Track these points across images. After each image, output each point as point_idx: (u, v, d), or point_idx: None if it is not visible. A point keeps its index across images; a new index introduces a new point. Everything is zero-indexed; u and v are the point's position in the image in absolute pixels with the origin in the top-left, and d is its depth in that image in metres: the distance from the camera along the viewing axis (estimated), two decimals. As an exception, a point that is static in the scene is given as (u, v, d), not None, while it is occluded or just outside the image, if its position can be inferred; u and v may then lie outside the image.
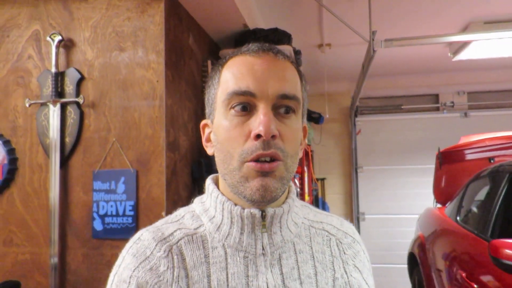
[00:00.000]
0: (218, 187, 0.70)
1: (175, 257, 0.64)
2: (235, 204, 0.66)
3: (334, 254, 0.72)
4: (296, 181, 3.21)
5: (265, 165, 0.61)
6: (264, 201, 0.62)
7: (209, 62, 2.20)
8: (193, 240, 0.66)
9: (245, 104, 0.63)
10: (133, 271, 0.63)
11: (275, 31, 2.29)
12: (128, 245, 0.68)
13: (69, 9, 1.85)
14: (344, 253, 0.74)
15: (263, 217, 0.65)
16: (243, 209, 0.65)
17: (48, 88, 1.81)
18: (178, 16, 1.93)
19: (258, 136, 0.60)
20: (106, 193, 1.77)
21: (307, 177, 3.70)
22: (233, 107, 0.63)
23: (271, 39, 2.26)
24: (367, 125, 4.83)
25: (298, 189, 3.09)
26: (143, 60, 1.76)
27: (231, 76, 0.65)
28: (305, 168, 3.64)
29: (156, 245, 0.65)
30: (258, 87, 0.62)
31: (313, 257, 0.70)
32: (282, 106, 0.63)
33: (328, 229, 0.75)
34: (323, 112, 3.91)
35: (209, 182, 0.72)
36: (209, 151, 0.70)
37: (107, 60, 1.80)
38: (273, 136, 0.61)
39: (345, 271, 0.72)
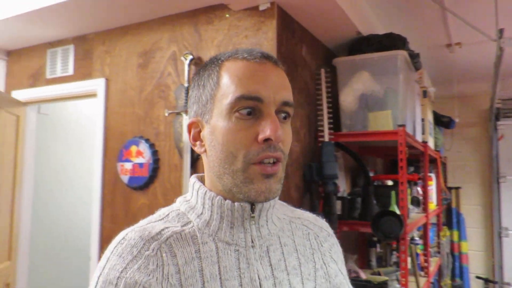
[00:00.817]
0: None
1: (164, 255, 0.64)
2: (225, 199, 0.69)
3: (314, 247, 0.78)
4: (419, 188, 3.07)
5: (268, 168, 0.65)
6: (266, 201, 0.66)
7: (322, 70, 2.30)
8: (181, 237, 0.66)
9: (251, 109, 0.65)
10: (121, 272, 0.61)
11: (389, 36, 2.27)
12: (111, 246, 0.66)
13: (198, 31, 2.15)
14: (322, 245, 0.80)
15: (252, 210, 0.69)
16: (233, 202, 0.68)
17: (182, 100, 2.14)
18: (290, 30, 2.08)
19: (265, 140, 0.64)
20: (226, 191, 2.01)
21: (435, 185, 3.49)
22: (238, 111, 0.65)
23: (385, 44, 2.24)
24: (511, 129, 4.30)
25: (421, 198, 2.95)
26: (258, 73, 1.95)
27: (236, 79, 0.66)
28: (432, 175, 3.44)
29: (144, 244, 0.64)
30: (266, 93, 0.65)
31: (296, 249, 0.75)
32: (282, 112, 0.68)
33: (306, 224, 0.81)
34: (453, 115, 3.64)
35: (194, 180, 0.74)
36: (199, 150, 0.72)
37: (228, 74, 2.04)
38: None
39: (324, 262, 0.78)
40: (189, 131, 0.73)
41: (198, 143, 0.72)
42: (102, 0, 2.11)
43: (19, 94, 2.81)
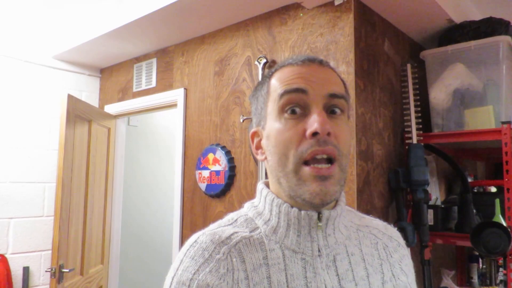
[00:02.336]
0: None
1: (234, 259, 0.64)
2: (292, 206, 0.67)
3: (382, 257, 0.74)
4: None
5: (323, 169, 0.63)
6: (323, 204, 0.64)
7: (408, 65, 2.09)
8: (250, 243, 0.67)
9: (297, 106, 0.66)
10: (194, 274, 0.63)
11: (488, 21, 1.98)
12: (184, 248, 0.68)
13: (272, 34, 2.09)
14: (391, 256, 0.75)
15: (319, 218, 0.67)
16: (300, 210, 0.66)
17: (257, 105, 2.08)
18: (370, 23, 1.92)
19: (314, 134, 0.63)
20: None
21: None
22: (286, 111, 0.66)
23: (483, 31, 1.97)
24: None
25: None
26: (334, 72, 1.83)
27: (280, 81, 0.69)
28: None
29: (214, 247, 0.65)
30: (309, 85, 0.66)
31: (364, 259, 0.72)
32: (332, 107, 0.67)
33: (375, 232, 0.77)
34: None
35: (262, 186, 0.74)
36: (260, 157, 0.74)
37: (303, 75, 1.94)
38: (328, 134, 0.63)
39: (393, 274, 0.74)
40: (252, 141, 0.76)
41: (259, 151, 0.74)
42: (179, 11, 2.15)
43: (110, 108, 3.00)
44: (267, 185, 0.75)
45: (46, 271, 2.34)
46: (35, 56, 2.83)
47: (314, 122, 0.63)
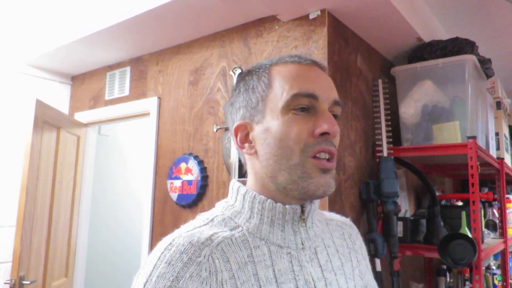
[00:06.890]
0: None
1: (216, 261, 0.61)
2: (275, 201, 0.68)
3: (349, 246, 0.80)
4: (495, 211, 2.74)
5: (326, 163, 0.66)
6: (323, 196, 0.66)
7: (379, 81, 2.14)
8: (233, 242, 0.65)
9: (306, 107, 0.67)
10: (172, 281, 0.58)
11: (455, 40, 2.07)
12: (157, 251, 0.63)
13: (248, 45, 2.10)
14: (355, 244, 0.82)
15: (302, 212, 0.69)
16: (285, 205, 0.68)
17: (231, 115, 2.08)
18: (343, 38, 1.97)
19: (322, 134, 0.66)
20: (276, 209, 1.89)
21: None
22: (294, 108, 0.67)
23: (450, 49, 2.05)
24: None
25: (497, 221, 2.62)
26: (308, 84, 1.85)
27: (290, 79, 0.68)
28: (511, 197, 3.07)
29: (194, 250, 0.61)
30: (320, 91, 0.68)
31: (337, 250, 0.76)
32: (332, 112, 0.70)
33: (340, 224, 0.83)
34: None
35: (238, 184, 0.74)
36: (248, 151, 0.72)
37: (277, 86, 1.96)
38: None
39: (358, 261, 0.80)
40: (236, 135, 0.73)
41: (246, 145, 0.72)
42: (155, 20, 2.14)
43: (80, 116, 2.93)
44: (242, 183, 0.74)
45: (5, 283, 2.22)
46: (4, 62, 2.75)
47: (324, 123, 0.66)
